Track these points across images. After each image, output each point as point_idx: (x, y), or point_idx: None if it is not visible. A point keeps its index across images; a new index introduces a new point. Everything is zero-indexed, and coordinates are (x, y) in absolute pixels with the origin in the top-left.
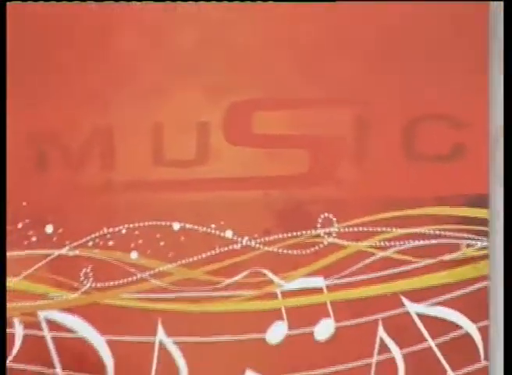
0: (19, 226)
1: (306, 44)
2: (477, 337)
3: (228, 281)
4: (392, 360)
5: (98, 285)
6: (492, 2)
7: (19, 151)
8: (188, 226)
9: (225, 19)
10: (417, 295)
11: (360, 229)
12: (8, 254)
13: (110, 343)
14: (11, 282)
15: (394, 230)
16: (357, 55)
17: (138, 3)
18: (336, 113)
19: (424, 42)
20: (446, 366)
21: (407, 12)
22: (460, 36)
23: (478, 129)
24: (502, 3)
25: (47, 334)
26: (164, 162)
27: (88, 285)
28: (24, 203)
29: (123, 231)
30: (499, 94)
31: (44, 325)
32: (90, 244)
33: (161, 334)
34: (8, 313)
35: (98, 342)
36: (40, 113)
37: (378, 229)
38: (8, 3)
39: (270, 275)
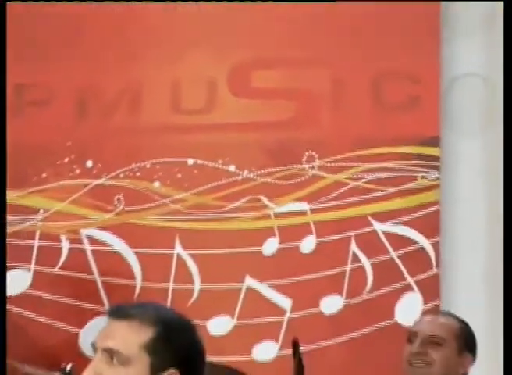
0: (66, 160)
1: (295, 20)
2: (430, 250)
3: (231, 206)
4: (363, 268)
5: (128, 208)
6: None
7: (65, 101)
8: (200, 161)
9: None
10: (382, 216)
11: (337, 164)
12: (57, 183)
13: (138, 254)
14: (59, 206)
15: (364, 164)
16: (336, 30)
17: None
18: (317, 71)
19: (390, 20)
20: (405, 273)
21: None
22: (417, 14)
23: (431, 84)
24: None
25: (87, 248)
26: (180, 110)
27: (120, 208)
28: (69, 143)
29: (148, 166)
30: (449, 55)
31: (85, 241)
32: (122, 175)
33: (178, 248)
34: (56, 231)
35: (128, 254)
36: (83, 70)
37: (351, 164)
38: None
39: (265, 200)
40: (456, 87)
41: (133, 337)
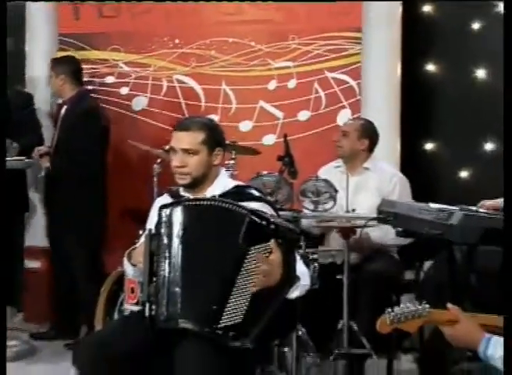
0: (164, 39)
1: None
2: (355, 87)
3: (252, 63)
4: (320, 96)
5: (197, 65)
6: None
7: (159, 12)
8: (235, 39)
9: None
10: (330, 69)
11: (307, 41)
12: (160, 51)
13: (203, 89)
14: (161, 63)
15: (321, 41)
16: None
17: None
18: None
19: None
20: (342, 99)
21: None
22: None
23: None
24: None
25: (176, 85)
26: (224, 13)
27: (193, 65)
28: (166, 30)
29: (208, 42)
30: None
31: (175, 81)
32: (194, 47)
33: (223, 85)
34: (160, 76)
35: (198, 89)
36: None
37: (315, 41)
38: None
39: (269, 60)
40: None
41: (194, 139)
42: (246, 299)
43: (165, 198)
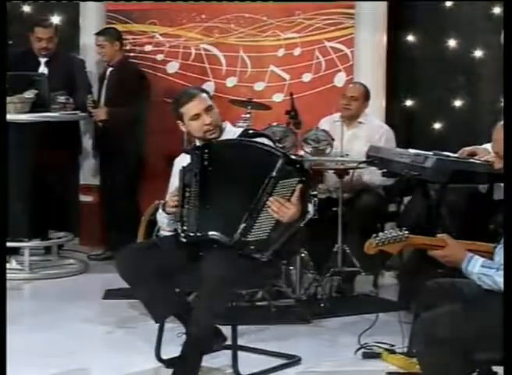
0: (193, 15)
1: None
2: (349, 54)
3: (264, 34)
4: (320, 62)
5: (221, 36)
6: None
7: None
8: (251, 15)
9: None
10: (329, 39)
11: (309, 16)
12: (190, 24)
13: (224, 56)
14: (190, 34)
15: (321, 17)
16: None
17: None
18: None
19: None
20: (338, 62)
21: None
22: None
23: None
24: None
25: (203, 52)
26: None
27: (217, 35)
28: (193, 8)
29: (229, 17)
30: None
31: (202, 49)
32: (216, 21)
33: (241, 52)
34: (189, 45)
35: (220, 56)
36: None
37: (316, 16)
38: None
39: (278, 32)
40: None
41: (206, 98)
42: (270, 223)
43: (183, 157)
